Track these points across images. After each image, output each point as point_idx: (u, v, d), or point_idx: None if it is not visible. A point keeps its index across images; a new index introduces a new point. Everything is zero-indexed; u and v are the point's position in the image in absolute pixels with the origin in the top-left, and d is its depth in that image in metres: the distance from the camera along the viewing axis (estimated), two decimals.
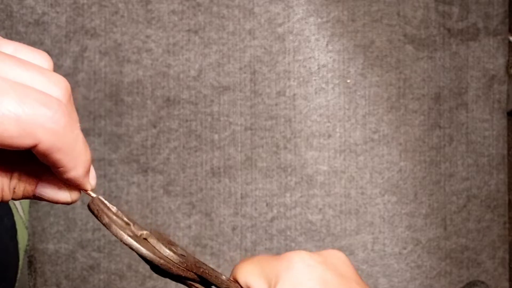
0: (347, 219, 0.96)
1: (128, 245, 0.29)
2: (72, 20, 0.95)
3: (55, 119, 0.26)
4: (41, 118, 0.26)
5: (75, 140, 0.28)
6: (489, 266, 0.98)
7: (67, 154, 0.28)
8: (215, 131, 0.95)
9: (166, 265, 0.30)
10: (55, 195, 0.31)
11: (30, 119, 0.25)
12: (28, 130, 0.25)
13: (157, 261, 0.30)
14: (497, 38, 0.99)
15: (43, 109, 0.26)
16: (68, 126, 0.27)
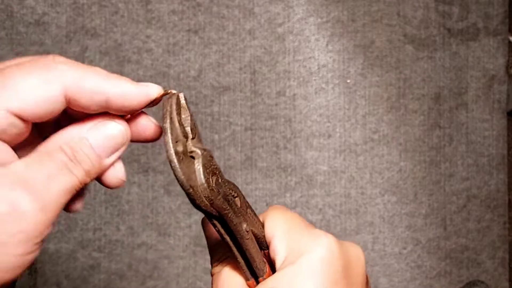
0: (347, 219, 0.97)
1: (169, 160, 0.29)
2: (72, 20, 0.95)
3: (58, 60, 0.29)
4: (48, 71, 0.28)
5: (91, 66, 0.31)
6: (489, 266, 0.99)
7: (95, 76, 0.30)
8: (215, 131, 0.96)
9: (192, 194, 0.30)
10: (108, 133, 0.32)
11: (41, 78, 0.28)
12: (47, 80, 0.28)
13: (186, 188, 0.29)
14: (497, 38, 0.99)
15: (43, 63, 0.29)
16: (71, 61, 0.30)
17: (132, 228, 0.95)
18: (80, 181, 0.30)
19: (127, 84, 0.30)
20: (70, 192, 0.29)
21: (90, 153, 0.30)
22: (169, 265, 0.95)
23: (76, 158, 0.29)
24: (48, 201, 0.28)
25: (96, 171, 0.31)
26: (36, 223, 0.27)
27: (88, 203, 0.94)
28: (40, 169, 0.28)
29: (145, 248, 0.95)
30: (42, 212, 0.27)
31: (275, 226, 0.35)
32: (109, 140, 0.31)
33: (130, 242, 0.95)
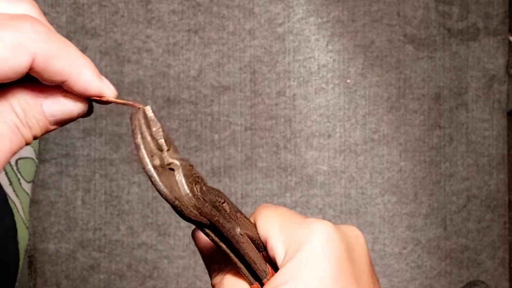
0: (347, 219, 0.97)
1: (148, 175, 0.28)
2: (72, 20, 0.95)
3: (35, 29, 0.27)
4: (21, 35, 0.27)
5: (65, 44, 0.28)
6: (489, 266, 0.99)
7: (66, 58, 0.28)
8: (215, 131, 0.96)
9: (179, 206, 0.29)
10: (67, 108, 0.30)
11: (14, 40, 0.26)
12: (17, 48, 0.26)
13: (172, 200, 0.29)
14: (497, 38, 0.99)
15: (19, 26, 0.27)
16: (50, 32, 0.28)
17: (132, 228, 0.95)
18: (26, 143, 0.30)
19: (90, 73, 0.29)
20: (16, 152, 0.29)
21: (42, 120, 0.30)
22: (169, 265, 0.95)
23: (27, 123, 0.29)
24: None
25: (41, 134, 0.30)
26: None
27: (88, 203, 0.94)
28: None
29: (145, 248, 0.95)
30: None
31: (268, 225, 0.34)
32: (63, 114, 0.30)
33: (130, 242, 0.95)
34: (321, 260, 0.32)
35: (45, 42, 0.27)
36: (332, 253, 0.32)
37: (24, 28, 0.27)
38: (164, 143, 0.30)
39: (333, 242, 0.32)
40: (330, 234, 0.32)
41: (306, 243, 0.32)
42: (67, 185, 0.94)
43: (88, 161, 0.94)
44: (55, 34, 0.28)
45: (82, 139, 0.94)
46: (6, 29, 0.27)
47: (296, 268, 0.32)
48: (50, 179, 0.94)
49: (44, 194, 0.94)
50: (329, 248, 0.32)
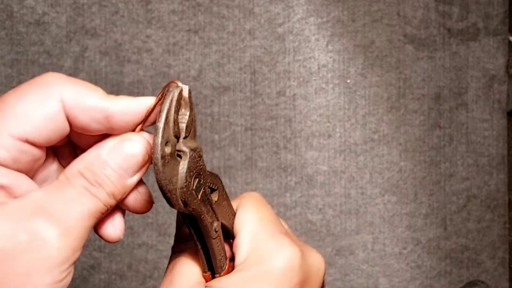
0: (347, 219, 0.97)
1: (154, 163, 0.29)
2: (72, 20, 0.95)
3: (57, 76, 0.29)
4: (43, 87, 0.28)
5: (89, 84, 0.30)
6: (489, 266, 0.99)
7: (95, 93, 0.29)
8: (215, 132, 0.96)
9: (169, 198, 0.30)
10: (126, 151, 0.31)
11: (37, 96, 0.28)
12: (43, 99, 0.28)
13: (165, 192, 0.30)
14: (497, 38, 0.99)
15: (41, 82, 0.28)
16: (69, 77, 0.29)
17: (132, 228, 0.95)
18: (104, 204, 0.29)
19: (125, 98, 0.30)
20: (94, 215, 0.29)
21: (112, 175, 0.30)
22: None
23: (97, 182, 0.29)
24: (69, 225, 0.27)
25: (120, 192, 0.30)
26: (59, 249, 0.27)
27: None
28: (59, 195, 0.28)
29: (145, 248, 0.95)
30: (64, 237, 0.27)
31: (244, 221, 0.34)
32: (129, 159, 0.30)
33: (130, 242, 0.95)
34: (273, 284, 0.32)
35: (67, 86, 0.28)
36: (286, 281, 0.32)
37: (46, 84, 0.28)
38: (185, 128, 0.30)
39: (292, 272, 0.32)
40: (292, 264, 0.32)
41: (266, 262, 0.32)
42: None
43: None
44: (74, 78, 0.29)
45: None
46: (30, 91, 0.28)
47: (244, 281, 0.32)
48: None
49: None
50: (285, 276, 0.32)
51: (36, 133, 0.27)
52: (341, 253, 0.97)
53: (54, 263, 0.27)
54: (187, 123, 0.31)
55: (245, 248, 0.33)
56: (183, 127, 0.31)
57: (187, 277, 0.34)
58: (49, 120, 0.27)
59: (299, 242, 0.35)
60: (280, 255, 0.32)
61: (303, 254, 0.33)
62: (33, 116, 0.27)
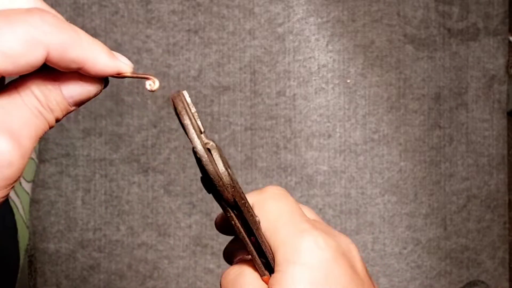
0: (347, 219, 0.97)
1: (200, 155, 0.29)
2: (72, 20, 0.95)
3: (45, 21, 0.28)
4: (33, 29, 0.27)
5: (77, 32, 0.29)
6: (489, 266, 0.99)
7: (79, 46, 0.29)
8: (215, 131, 0.96)
9: (218, 182, 0.30)
10: (85, 89, 0.32)
11: (27, 35, 0.27)
12: (31, 43, 0.27)
13: (217, 180, 0.30)
14: (497, 38, 0.99)
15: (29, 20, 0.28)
16: (60, 22, 0.29)
17: (132, 228, 0.95)
18: (50, 126, 0.31)
19: (105, 57, 0.31)
20: (41, 135, 0.30)
21: (61, 102, 0.31)
22: (169, 265, 0.95)
23: (48, 106, 0.30)
24: (26, 147, 0.28)
25: (63, 116, 0.31)
26: (18, 169, 0.28)
27: (88, 203, 0.94)
28: (16, 113, 0.28)
29: (145, 248, 0.95)
30: (22, 159, 0.28)
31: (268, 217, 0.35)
32: (82, 95, 0.32)
33: (130, 242, 0.95)
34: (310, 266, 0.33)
35: (57, 34, 0.28)
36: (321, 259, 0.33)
37: (34, 22, 0.28)
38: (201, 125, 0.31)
39: (322, 250, 0.33)
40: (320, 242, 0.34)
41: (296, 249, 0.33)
42: (67, 185, 0.94)
43: (88, 161, 0.94)
44: (65, 23, 0.29)
45: (82, 139, 0.94)
46: (17, 24, 0.27)
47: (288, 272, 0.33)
48: (50, 179, 0.94)
49: (44, 193, 0.94)
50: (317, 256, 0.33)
51: (9, 68, 0.28)
52: None
53: (9, 182, 0.28)
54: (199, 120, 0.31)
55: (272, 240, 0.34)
56: (200, 124, 0.31)
57: None
58: (28, 63, 0.28)
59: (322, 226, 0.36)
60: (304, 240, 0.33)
61: (328, 235, 0.34)
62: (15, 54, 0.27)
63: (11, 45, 0.27)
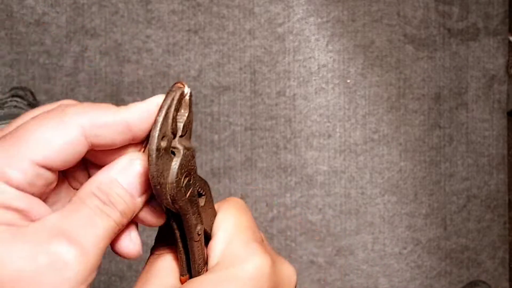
0: (347, 219, 0.97)
1: (148, 154, 0.29)
2: (72, 20, 0.95)
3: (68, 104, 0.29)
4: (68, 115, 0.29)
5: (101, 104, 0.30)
6: (489, 266, 0.99)
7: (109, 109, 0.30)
8: (215, 131, 0.96)
9: (159, 191, 0.30)
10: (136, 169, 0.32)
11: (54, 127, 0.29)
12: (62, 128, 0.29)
13: (155, 184, 0.30)
14: (497, 38, 0.99)
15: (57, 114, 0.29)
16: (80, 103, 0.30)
17: None
18: (117, 223, 0.30)
19: (136, 104, 0.31)
20: (109, 235, 0.30)
21: (123, 194, 0.30)
22: None
23: (110, 201, 0.30)
24: (88, 247, 0.28)
25: (131, 210, 0.31)
26: (79, 271, 0.27)
27: None
28: (76, 217, 0.28)
29: (145, 248, 0.95)
30: (83, 259, 0.28)
31: (223, 225, 0.35)
32: (139, 177, 0.31)
33: None
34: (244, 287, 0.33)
35: (83, 110, 0.29)
36: (256, 285, 0.33)
37: (63, 111, 0.29)
38: (182, 128, 0.31)
39: (262, 279, 0.33)
40: (264, 270, 0.33)
41: (238, 266, 0.33)
42: None
43: None
44: (87, 102, 0.30)
45: None
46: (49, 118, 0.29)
47: (217, 283, 0.33)
48: None
49: None
50: (254, 282, 0.33)
51: (56, 159, 0.28)
52: (341, 253, 0.97)
53: (73, 284, 0.27)
54: (184, 122, 0.31)
55: (218, 250, 0.34)
56: (180, 126, 0.31)
57: (163, 279, 0.34)
58: (69, 146, 0.28)
59: (272, 252, 0.36)
60: (250, 261, 0.33)
61: (274, 264, 0.34)
62: (52, 141, 0.28)
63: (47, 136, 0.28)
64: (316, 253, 0.96)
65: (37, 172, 0.28)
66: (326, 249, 0.96)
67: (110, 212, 0.29)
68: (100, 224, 0.29)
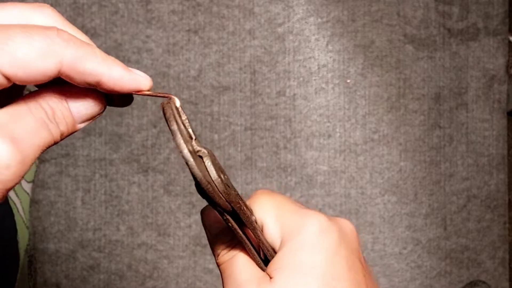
0: (347, 219, 0.97)
1: (185, 159, 0.30)
2: (72, 20, 0.95)
3: (61, 36, 0.30)
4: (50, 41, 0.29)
5: (91, 47, 0.31)
6: (489, 266, 0.99)
7: (93, 60, 0.30)
8: (215, 131, 0.96)
9: (211, 190, 0.31)
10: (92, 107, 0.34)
11: (43, 45, 0.29)
12: (46, 52, 0.29)
13: (205, 184, 0.30)
14: (497, 38, 0.99)
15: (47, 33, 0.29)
16: (75, 38, 0.30)
17: (132, 228, 0.95)
18: (55, 140, 0.31)
19: (121, 70, 0.32)
20: (45, 148, 0.31)
21: (68, 117, 0.32)
22: (169, 265, 0.95)
23: (55, 119, 0.31)
24: (27, 154, 0.29)
25: (68, 133, 0.32)
26: (15, 174, 0.28)
27: (88, 203, 0.94)
28: (22, 123, 0.29)
29: (145, 248, 0.95)
30: (21, 165, 0.29)
31: (265, 211, 0.36)
32: (87, 110, 0.33)
33: (130, 242, 0.95)
34: (315, 248, 0.33)
35: (71, 47, 0.30)
36: (326, 242, 0.33)
37: (50, 34, 0.29)
38: (192, 132, 0.32)
39: (327, 232, 0.34)
40: (325, 224, 0.34)
41: (301, 232, 0.34)
42: (67, 185, 0.94)
43: (88, 161, 0.94)
44: (80, 40, 0.31)
45: (82, 139, 0.94)
46: (33, 35, 0.29)
47: (291, 254, 0.33)
48: (50, 179, 0.94)
49: (44, 194, 0.94)
50: (323, 237, 0.34)
51: (23, 77, 0.29)
52: None
53: (5, 186, 0.28)
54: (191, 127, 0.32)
55: (276, 231, 0.35)
56: (191, 131, 0.32)
57: (249, 274, 0.35)
58: (41, 73, 0.29)
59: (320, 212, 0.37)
60: (309, 222, 0.34)
61: (330, 218, 0.35)
62: (30, 64, 0.29)
63: (24, 51, 0.28)
64: None
65: None
66: None
67: (52, 128, 0.30)
68: (42, 136, 0.30)
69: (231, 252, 0.36)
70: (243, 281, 0.34)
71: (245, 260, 0.35)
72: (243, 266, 0.35)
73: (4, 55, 0.28)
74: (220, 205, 0.32)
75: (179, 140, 0.30)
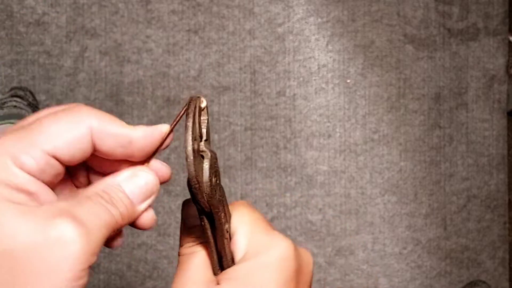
0: (347, 219, 0.97)
1: (186, 155, 0.33)
2: (72, 20, 0.95)
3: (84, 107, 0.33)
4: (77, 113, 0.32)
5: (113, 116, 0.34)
6: (489, 266, 0.99)
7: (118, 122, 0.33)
8: (215, 131, 0.96)
9: (197, 189, 0.33)
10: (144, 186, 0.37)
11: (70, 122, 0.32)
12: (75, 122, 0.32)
13: (193, 182, 0.33)
14: (497, 38, 0.99)
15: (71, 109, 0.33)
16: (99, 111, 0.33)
17: (131, 228, 0.95)
18: (117, 221, 0.33)
19: (143, 126, 0.35)
20: (110, 226, 0.32)
21: (124, 199, 0.34)
22: (169, 265, 0.95)
23: (113, 202, 0.33)
24: (92, 232, 0.31)
25: (129, 215, 0.35)
26: (82, 248, 0.29)
27: None
28: (82, 206, 0.31)
29: (145, 248, 0.95)
30: (87, 241, 0.30)
31: (240, 222, 0.38)
32: (141, 188, 0.35)
33: (130, 242, 0.95)
34: (272, 272, 0.35)
35: (95, 115, 0.32)
36: (283, 267, 0.35)
37: (78, 111, 0.32)
38: (205, 132, 0.34)
39: (288, 260, 0.36)
40: (288, 251, 0.36)
41: (266, 251, 0.36)
42: None
43: None
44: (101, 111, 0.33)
45: None
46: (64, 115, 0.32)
47: (250, 268, 0.35)
48: None
49: None
50: (283, 262, 0.35)
51: (65, 151, 0.31)
52: (341, 253, 0.97)
53: (76, 261, 0.29)
54: (206, 128, 0.34)
55: (243, 244, 0.37)
56: (204, 131, 0.35)
57: (200, 274, 0.37)
58: (78, 142, 0.32)
59: None
60: (276, 246, 0.36)
61: (295, 247, 0.37)
62: (64, 136, 0.31)
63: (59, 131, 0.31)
64: (316, 253, 0.96)
65: (47, 161, 0.31)
66: (326, 249, 0.96)
67: (112, 209, 0.32)
68: (103, 215, 0.31)
69: (195, 247, 0.38)
70: (194, 279, 0.36)
71: (203, 260, 0.37)
72: (198, 265, 0.37)
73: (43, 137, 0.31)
74: (200, 204, 0.34)
75: (188, 136, 0.33)
